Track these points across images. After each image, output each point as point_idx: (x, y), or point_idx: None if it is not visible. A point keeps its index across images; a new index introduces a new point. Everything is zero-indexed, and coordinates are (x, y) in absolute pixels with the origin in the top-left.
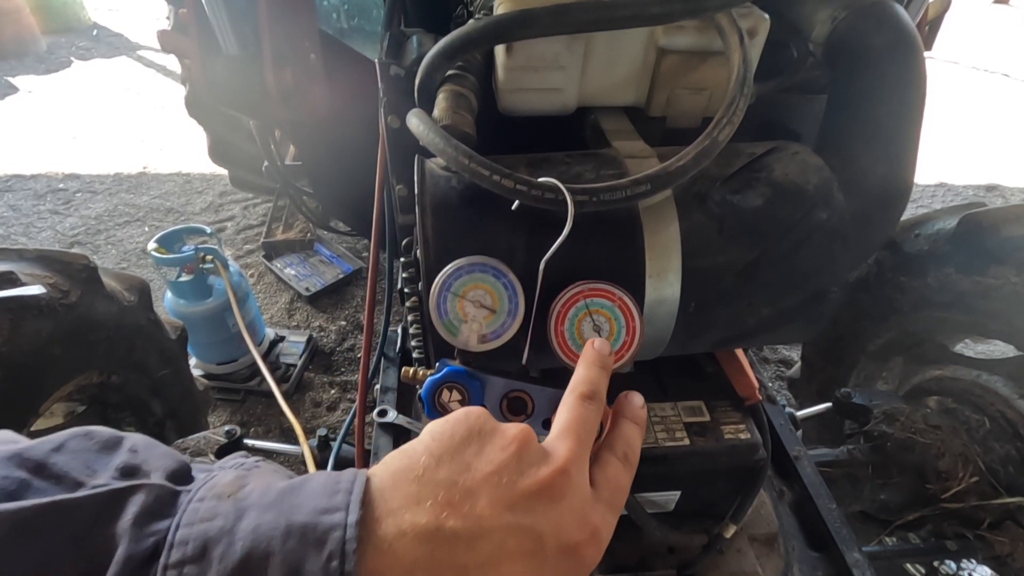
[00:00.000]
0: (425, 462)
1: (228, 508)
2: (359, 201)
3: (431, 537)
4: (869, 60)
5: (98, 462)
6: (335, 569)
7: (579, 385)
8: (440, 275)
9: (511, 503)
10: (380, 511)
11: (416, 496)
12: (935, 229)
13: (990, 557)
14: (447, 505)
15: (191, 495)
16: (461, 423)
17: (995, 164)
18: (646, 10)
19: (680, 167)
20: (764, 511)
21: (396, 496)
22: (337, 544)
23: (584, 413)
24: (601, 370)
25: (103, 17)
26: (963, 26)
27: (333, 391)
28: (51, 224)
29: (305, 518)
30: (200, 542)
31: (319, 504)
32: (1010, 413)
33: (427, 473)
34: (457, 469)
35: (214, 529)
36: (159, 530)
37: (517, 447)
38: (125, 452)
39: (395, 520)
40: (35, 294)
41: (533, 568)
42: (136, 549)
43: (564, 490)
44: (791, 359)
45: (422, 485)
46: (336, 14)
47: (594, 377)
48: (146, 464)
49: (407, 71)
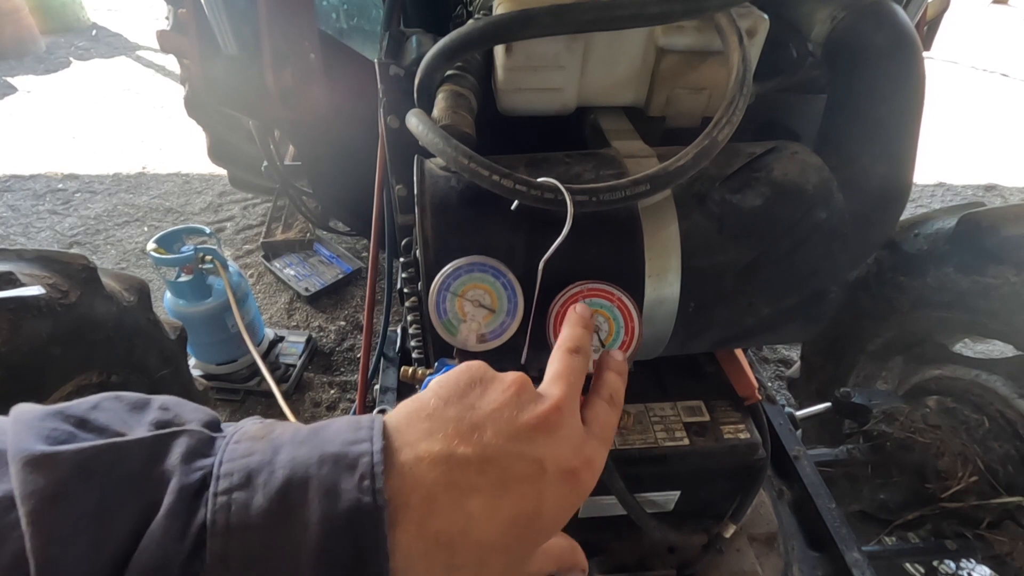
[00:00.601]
0: (434, 404)
1: (264, 446)
2: (359, 201)
3: (445, 461)
4: (868, 60)
5: (132, 419)
6: (367, 487)
7: (565, 341)
8: (439, 275)
9: (513, 434)
10: (398, 442)
11: (429, 430)
12: (934, 229)
13: (989, 556)
14: (456, 436)
15: (227, 440)
16: (464, 372)
17: (994, 164)
18: (646, 10)
19: (680, 167)
20: (764, 511)
21: (411, 431)
22: (367, 467)
23: (571, 362)
24: (584, 328)
25: (102, 17)
26: (962, 26)
27: (333, 391)
28: (50, 224)
29: (336, 448)
30: (244, 473)
31: (346, 437)
32: (1009, 412)
33: (436, 412)
34: (463, 408)
35: (254, 462)
36: (205, 465)
37: (516, 389)
38: (156, 410)
39: (412, 449)
40: (34, 294)
41: (537, 489)
42: (187, 481)
43: (559, 424)
44: (791, 359)
45: (433, 421)
46: (335, 14)
47: (578, 334)
48: (179, 418)
49: (406, 71)
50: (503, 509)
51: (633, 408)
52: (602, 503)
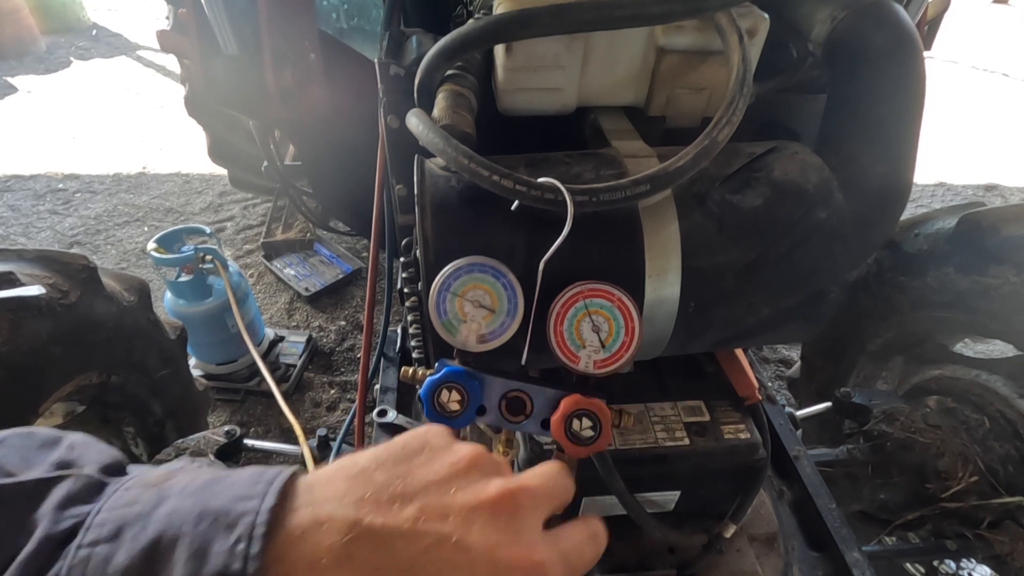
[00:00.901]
0: (364, 464)
1: (150, 495)
2: (359, 201)
3: (348, 530)
4: (869, 60)
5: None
6: (241, 551)
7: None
8: (440, 275)
9: (445, 512)
10: (300, 501)
11: (344, 492)
12: (935, 229)
13: (990, 556)
14: (373, 503)
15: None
16: (417, 436)
17: (994, 164)
18: (646, 10)
19: (680, 167)
20: (764, 511)
21: (325, 490)
22: (246, 528)
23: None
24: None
25: (102, 17)
26: (962, 26)
27: (333, 391)
28: (50, 224)
29: (221, 504)
30: (116, 524)
31: (239, 492)
32: (1010, 412)
33: (363, 474)
34: (396, 474)
35: (132, 514)
36: (80, 513)
37: (467, 464)
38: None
39: (314, 510)
40: (35, 294)
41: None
42: (54, 529)
43: (510, 513)
44: (791, 359)
45: (353, 483)
46: (336, 14)
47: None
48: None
49: (406, 71)
50: None
51: (633, 408)
52: (602, 503)
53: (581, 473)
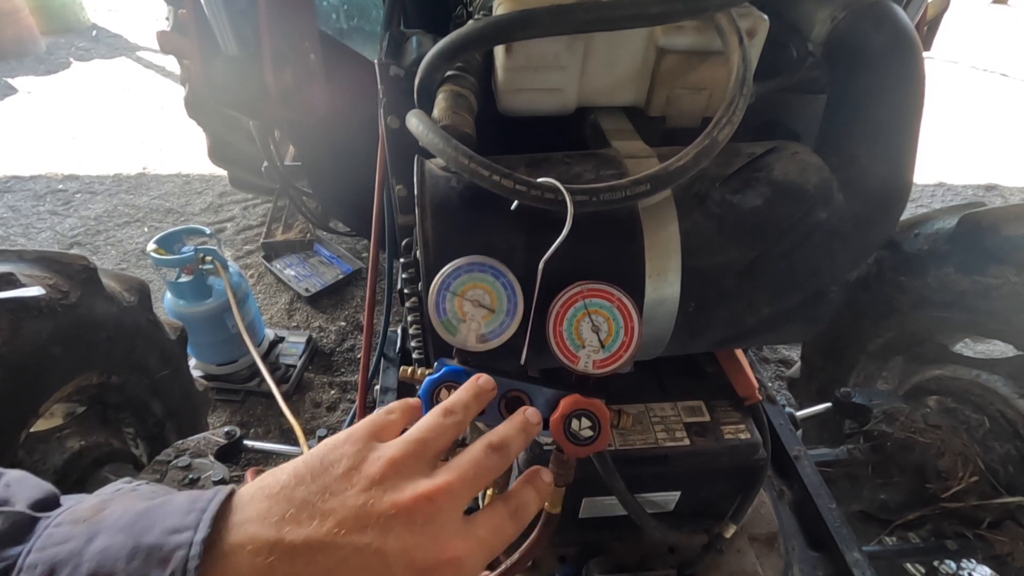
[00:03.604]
0: (285, 480)
1: (82, 531)
2: (359, 201)
3: (269, 550)
4: (868, 60)
5: None
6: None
7: (491, 435)
8: (439, 274)
9: (363, 523)
10: (232, 522)
11: (266, 512)
12: (935, 229)
13: (990, 556)
14: (293, 521)
15: (50, 521)
16: (337, 448)
17: (994, 164)
18: (646, 10)
19: (680, 167)
20: (764, 511)
21: (250, 509)
22: (180, 563)
23: (479, 456)
24: (521, 432)
25: (102, 18)
26: (962, 26)
27: (333, 391)
28: (50, 225)
29: (154, 539)
30: (48, 565)
31: (171, 524)
32: (1010, 412)
33: (283, 491)
34: (316, 490)
35: (64, 552)
36: (10, 555)
37: (387, 469)
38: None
39: (238, 532)
40: (35, 295)
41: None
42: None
43: (429, 515)
44: (791, 359)
45: (274, 502)
46: (335, 14)
47: (509, 434)
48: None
49: (407, 71)
50: None
51: (633, 408)
52: (602, 503)
53: (581, 473)
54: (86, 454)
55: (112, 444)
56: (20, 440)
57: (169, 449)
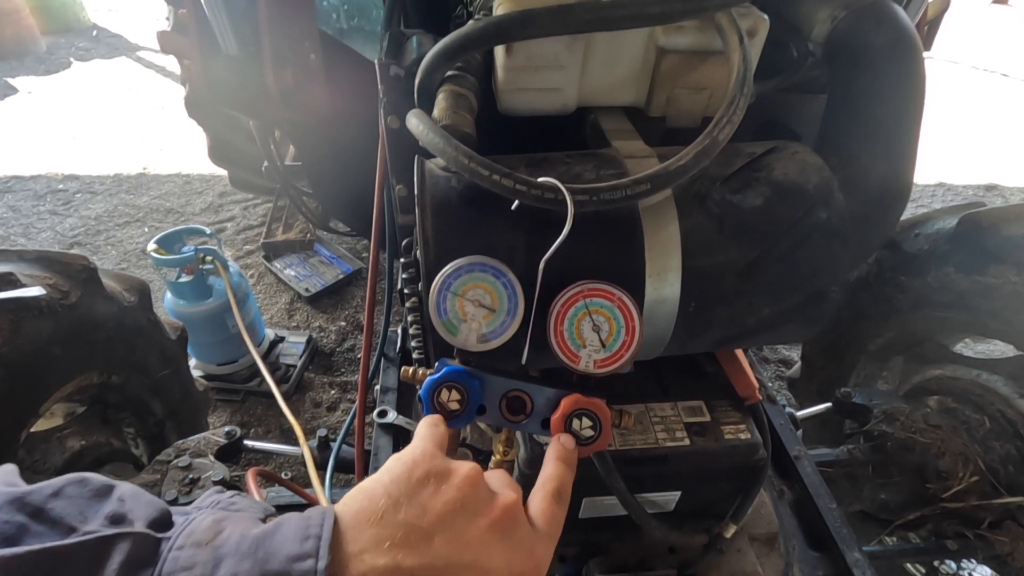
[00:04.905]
0: (384, 504)
1: (206, 556)
2: (359, 201)
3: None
4: (869, 60)
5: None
6: None
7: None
8: (440, 274)
9: (465, 543)
10: (347, 552)
11: (376, 538)
12: (935, 229)
13: (990, 556)
14: (405, 546)
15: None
16: (419, 464)
17: (994, 164)
18: (646, 10)
19: (680, 167)
20: (764, 511)
21: (360, 538)
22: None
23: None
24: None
25: (103, 18)
26: (962, 26)
27: (333, 391)
28: (51, 225)
29: (279, 566)
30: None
31: (292, 551)
32: (1010, 412)
33: (386, 516)
34: (414, 511)
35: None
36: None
37: (470, 486)
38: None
39: (358, 563)
40: (35, 295)
41: None
42: None
43: (512, 528)
44: (791, 359)
45: (381, 527)
46: (336, 14)
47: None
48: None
49: (407, 71)
50: None
51: (633, 408)
52: (602, 503)
53: (581, 473)
54: (86, 454)
55: (112, 444)
56: (20, 440)
57: (169, 449)
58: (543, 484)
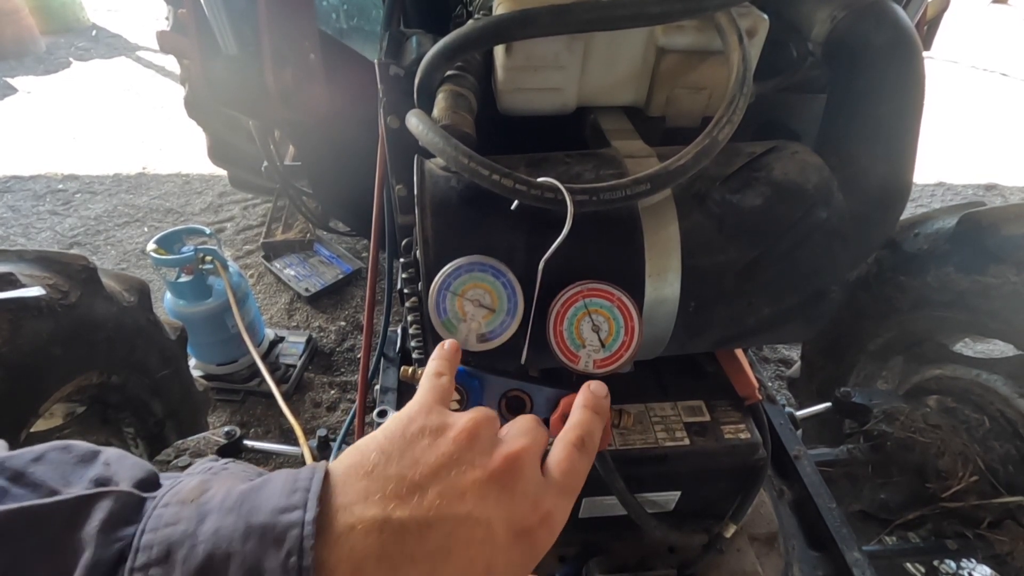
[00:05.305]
0: (375, 458)
1: (191, 513)
2: (359, 201)
3: (380, 528)
4: (868, 60)
5: (74, 474)
6: (293, 565)
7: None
8: (439, 274)
9: (459, 494)
10: (336, 504)
11: (366, 490)
12: (935, 228)
13: (990, 556)
14: (395, 497)
15: (156, 501)
16: (414, 420)
17: (994, 163)
18: (646, 10)
19: (680, 166)
20: (764, 511)
21: (349, 490)
22: (295, 541)
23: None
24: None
25: (102, 18)
26: (962, 26)
27: (333, 391)
28: (50, 225)
29: (264, 518)
30: (164, 546)
31: (278, 503)
32: (1010, 412)
33: (377, 469)
34: (407, 464)
35: (177, 533)
36: (125, 535)
37: (468, 437)
38: (100, 465)
39: (346, 514)
40: (35, 295)
41: (484, 555)
42: (103, 554)
43: (515, 477)
44: (791, 359)
45: (371, 480)
46: (335, 14)
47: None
48: (116, 475)
49: (406, 71)
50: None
51: (633, 408)
52: (602, 503)
53: None
54: None
55: (112, 444)
56: (20, 440)
57: (169, 449)
58: (566, 432)
